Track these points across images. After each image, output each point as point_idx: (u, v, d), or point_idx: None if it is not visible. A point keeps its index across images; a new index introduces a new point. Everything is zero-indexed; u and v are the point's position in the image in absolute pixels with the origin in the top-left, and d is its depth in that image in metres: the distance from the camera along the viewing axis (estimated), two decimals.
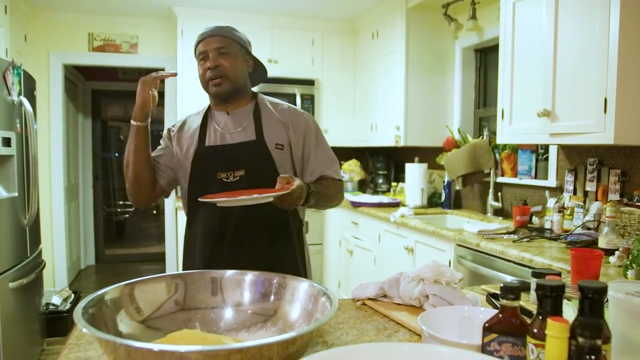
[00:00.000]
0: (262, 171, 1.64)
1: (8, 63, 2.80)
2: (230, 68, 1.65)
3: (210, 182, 1.63)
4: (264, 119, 1.70)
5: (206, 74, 1.65)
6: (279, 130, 1.70)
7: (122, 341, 0.75)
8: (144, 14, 4.60)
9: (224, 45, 1.65)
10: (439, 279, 1.20)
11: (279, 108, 1.76)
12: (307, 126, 1.75)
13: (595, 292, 0.71)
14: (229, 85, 1.66)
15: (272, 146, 1.66)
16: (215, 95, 1.69)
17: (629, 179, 2.44)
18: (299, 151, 1.73)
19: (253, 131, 1.68)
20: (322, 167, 1.75)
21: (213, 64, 1.63)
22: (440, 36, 3.89)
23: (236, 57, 1.67)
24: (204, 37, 1.66)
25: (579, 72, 2.24)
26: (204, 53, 1.65)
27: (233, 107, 1.72)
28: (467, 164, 3.32)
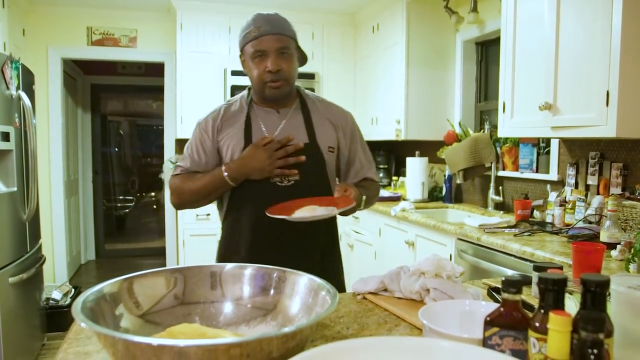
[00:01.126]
0: (315, 175, 1.60)
1: (6, 57, 2.78)
2: (290, 70, 1.57)
3: (263, 186, 1.55)
4: (314, 119, 1.64)
5: (264, 76, 1.54)
6: (329, 132, 1.65)
7: (121, 335, 0.75)
8: (143, 7, 4.58)
9: (285, 45, 1.55)
10: (440, 272, 1.19)
11: (325, 105, 1.71)
12: (353, 126, 1.72)
13: (598, 286, 0.71)
14: (287, 88, 1.59)
15: (325, 149, 1.62)
16: (272, 98, 1.60)
17: (631, 173, 2.43)
18: (346, 152, 1.69)
19: (304, 133, 1.61)
20: (366, 170, 1.72)
21: (275, 66, 1.53)
22: (441, 29, 3.87)
23: (294, 57, 1.59)
24: (262, 33, 1.53)
25: (580, 65, 2.23)
26: (262, 52, 1.53)
27: (281, 105, 1.64)
28: (468, 157, 3.32)
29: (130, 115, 7.05)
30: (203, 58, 4.42)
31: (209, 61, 4.44)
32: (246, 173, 1.53)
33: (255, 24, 1.54)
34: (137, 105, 7.09)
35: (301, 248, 1.58)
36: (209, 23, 4.43)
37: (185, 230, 4.23)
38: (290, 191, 1.54)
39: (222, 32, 4.46)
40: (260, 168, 1.51)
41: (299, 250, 1.57)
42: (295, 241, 1.57)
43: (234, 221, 1.62)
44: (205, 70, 4.43)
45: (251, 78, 1.59)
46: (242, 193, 1.58)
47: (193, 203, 1.63)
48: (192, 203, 1.63)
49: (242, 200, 1.59)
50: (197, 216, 4.21)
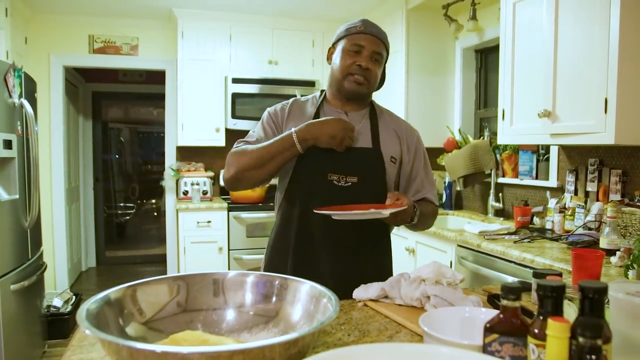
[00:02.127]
0: (373, 181, 1.58)
1: (9, 65, 2.80)
2: (375, 76, 1.60)
3: (320, 182, 1.55)
4: (380, 128, 1.64)
5: (352, 68, 1.56)
6: (393, 143, 1.64)
7: (125, 342, 0.76)
8: (144, 15, 4.61)
9: (381, 51, 1.59)
10: (440, 279, 1.20)
11: (394, 118, 1.72)
12: (419, 144, 1.71)
13: (596, 292, 0.71)
14: (367, 90, 1.61)
15: (387, 158, 1.61)
16: (348, 92, 1.60)
17: (630, 179, 2.44)
18: (408, 168, 1.67)
19: (369, 138, 1.61)
20: (426, 190, 1.70)
21: (366, 64, 1.55)
22: (441, 37, 3.90)
23: (381, 67, 1.63)
24: (366, 31, 1.58)
25: (579, 72, 2.25)
26: (361, 47, 1.56)
27: (352, 108, 1.65)
28: (468, 164, 3.33)
29: (131, 122, 7.08)
30: (204, 66, 4.45)
31: (210, 69, 4.46)
32: (316, 135, 1.49)
33: (363, 23, 1.60)
34: (138, 113, 7.11)
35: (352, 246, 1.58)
36: (210, 31, 4.45)
37: (186, 238, 4.23)
38: (347, 192, 1.54)
39: (223, 39, 4.49)
40: (332, 134, 1.49)
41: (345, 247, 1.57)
42: (342, 238, 1.56)
43: (286, 211, 1.62)
44: (206, 78, 4.45)
45: (334, 69, 1.61)
46: (298, 186, 1.58)
47: (251, 170, 1.53)
48: (250, 170, 1.53)
49: (296, 193, 1.58)
50: (197, 223, 4.21)
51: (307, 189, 1.55)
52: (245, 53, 4.53)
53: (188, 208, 4.21)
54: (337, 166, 1.55)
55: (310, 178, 1.56)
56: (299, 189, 1.58)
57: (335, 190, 1.54)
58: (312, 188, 1.55)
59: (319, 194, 1.53)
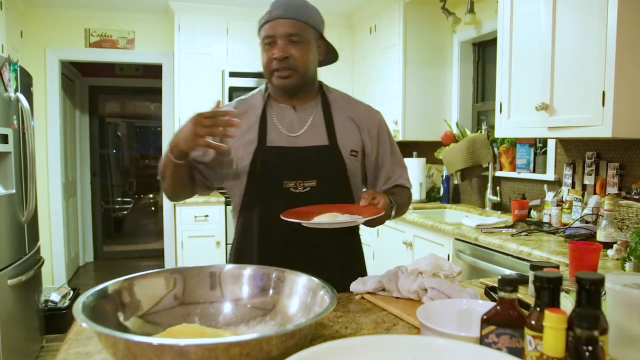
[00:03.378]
0: (334, 182, 1.44)
1: (4, 59, 2.78)
2: (302, 60, 1.40)
3: (274, 191, 1.40)
4: (335, 119, 1.48)
5: (271, 64, 1.40)
6: (352, 134, 1.49)
7: (122, 335, 0.75)
8: (141, 9, 4.59)
9: (297, 31, 1.39)
10: (438, 272, 1.20)
11: (350, 104, 1.55)
12: (380, 127, 1.55)
13: (593, 284, 0.72)
14: (298, 79, 1.42)
15: (347, 153, 1.45)
16: (280, 89, 1.45)
17: (627, 173, 2.44)
18: (373, 157, 1.53)
19: (324, 133, 1.45)
20: (397, 175, 1.57)
21: (282, 54, 1.38)
22: (438, 30, 3.89)
23: (309, 45, 1.42)
24: (272, 17, 1.39)
25: (577, 65, 2.24)
26: (271, 38, 1.40)
27: (299, 101, 1.48)
28: (465, 158, 3.33)
29: (128, 116, 7.05)
30: (201, 59, 4.43)
31: (207, 63, 4.44)
32: (176, 143, 1.32)
33: (269, 9, 1.42)
34: (135, 107, 7.09)
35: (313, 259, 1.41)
36: (207, 24, 4.43)
37: (183, 232, 4.23)
38: (305, 199, 1.38)
39: (220, 33, 4.47)
40: (184, 138, 1.28)
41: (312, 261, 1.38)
42: (307, 252, 1.41)
43: (244, 226, 1.48)
44: (203, 72, 4.44)
45: (262, 67, 1.46)
46: (252, 197, 1.44)
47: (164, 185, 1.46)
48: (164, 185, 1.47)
49: (252, 205, 1.44)
50: (195, 217, 4.21)
51: (263, 201, 1.41)
52: (242, 47, 4.51)
53: (185, 202, 4.20)
54: (292, 171, 1.41)
55: (265, 188, 1.42)
56: (254, 202, 1.43)
57: (294, 198, 1.38)
58: (268, 199, 1.40)
59: (277, 204, 1.35)
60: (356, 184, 1.50)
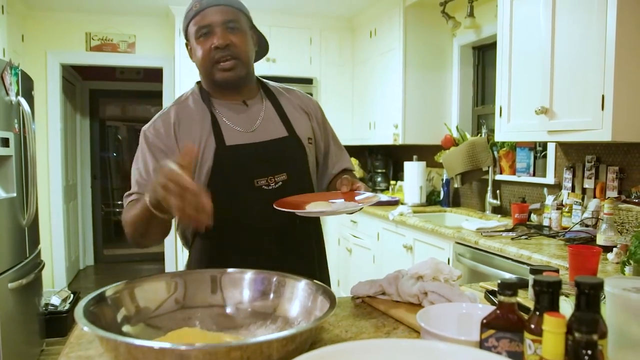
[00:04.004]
0: (302, 173, 1.40)
1: (6, 63, 2.79)
2: (243, 47, 1.33)
3: (245, 191, 1.31)
4: (287, 109, 1.44)
5: (211, 54, 1.31)
6: (304, 122, 1.45)
7: (123, 339, 0.76)
8: (142, 13, 4.60)
9: (233, 18, 1.32)
10: (438, 276, 1.20)
11: (293, 94, 1.51)
12: (322, 115, 1.54)
13: (592, 288, 0.72)
14: (242, 69, 1.35)
15: (306, 141, 1.41)
16: (225, 82, 1.35)
17: (627, 176, 2.45)
18: (321, 143, 1.50)
19: (280, 125, 1.40)
20: (342, 160, 1.54)
21: (222, 41, 1.29)
22: (438, 34, 3.90)
23: (246, 33, 1.36)
24: (204, 6, 1.31)
25: (576, 69, 2.25)
26: (207, 27, 1.31)
27: (246, 95, 1.41)
28: (465, 161, 3.33)
29: (128, 120, 7.07)
30: None
31: None
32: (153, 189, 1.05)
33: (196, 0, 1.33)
34: (136, 110, 7.10)
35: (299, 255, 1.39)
36: None
37: None
38: (279, 193, 1.31)
39: None
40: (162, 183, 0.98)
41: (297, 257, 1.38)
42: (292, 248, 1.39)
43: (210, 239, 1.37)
44: None
45: (197, 63, 1.37)
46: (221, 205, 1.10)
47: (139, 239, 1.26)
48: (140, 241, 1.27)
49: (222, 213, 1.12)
50: None
51: (233, 203, 1.31)
52: None
53: None
54: (262, 168, 1.33)
55: (234, 190, 1.31)
56: (224, 206, 1.21)
57: (267, 195, 1.29)
58: (239, 201, 1.31)
59: (249, 204, 1.30)
60: (313, 173, 1.46)
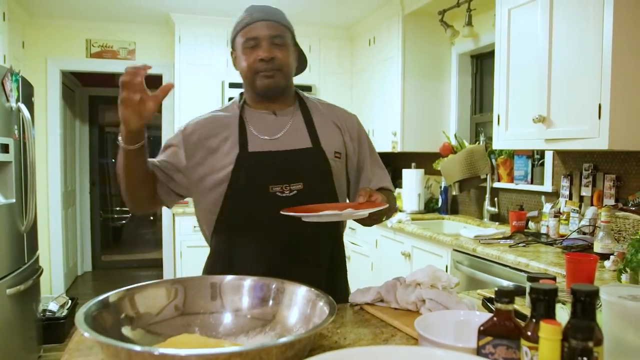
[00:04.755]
0: (320, 184, 1.42)
1: (6, 70, 2.81)
2: (285, 61, 1.42)
3: (260, 196, 1.36)
4: (317, 122, 1.48)
5: (255, 65, 1.39)
6: (335, 136, 1.49)
7: (124, 345, 0.76)
8: (142, 20, 4.62)
9: (279, 33, 1.41)
10: (435, 283, 1.21)
11: (328, 108, 1.55)
12: (360, 129, 1.57)
13: (587, 295, 0.73)
14: (282, 79, 1.42)
15: (331, 155, 1.44)
16: (264, 91, 1.42)
17: (624, 184, 2.46)
18: (355, 159, 1.53)
19: (306, 136, 1.45)
20: (379, 178, 1.55)
21: (268, 54, 1.38)
22: (437, 42, 3.92)
23: (289, 48, 1.44)
24: (253, 20, 1.40)
25: (573, 78, 2.27)
26: (255, 40, 1.39)
27: (279, 106, 1.47)
28: (463, 169, 3.34)
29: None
30: (201, 70, 4.46)
31: (207, 73, 4.47)
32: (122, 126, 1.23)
33: (248, 12, 1.43)
34: None
35: (306, 264, 1.40)
36: (207, 36, 4.47)
37: (182, 242, 4.23)
38: (293, 202, 1.34)
39: (220, 44, 4.50)
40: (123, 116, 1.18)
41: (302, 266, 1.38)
42: (299, 257, 1.40)
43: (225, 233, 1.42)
44: (203, 83, 4.47)
45: (242, 72, 1.45)
46: (236, 206, 1.38)
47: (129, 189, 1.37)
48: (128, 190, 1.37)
49: (235, 214, 1.39)
50: (194, 227, 4.21)
51: (248, 208, 1.37)
52: None
53: (184, 212, 4.21)
54: (277, 175, 1.37)
55: (250, 194, 1.37)
56: (237, 210, 1.38)
57: (281, 202, 1.33)
58: (252, 206, 1.37)
59: (263, 209, 1.35)
60: (341, 186, 1.49)
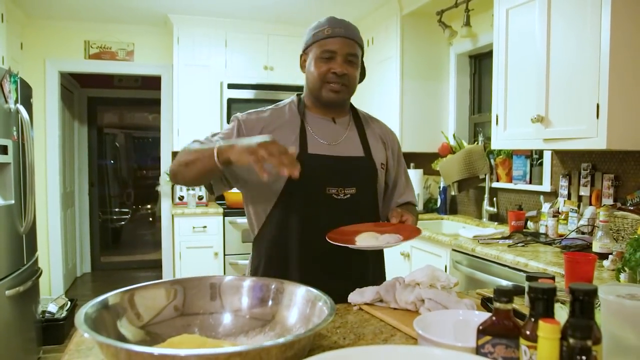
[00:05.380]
0: (369, 191, 1.54)
1: (5, 71, 2.80)
2: (354, 79, 1.52)
3: (317, 196, 1.46)
4: (368, 134, 1.60)
5: (327, 76, 1.48)
6: (381, 149, 1.60)
7: (124, 345, 0.76)
8: (140, 21, 4.62)
9: (355, 52, 1.50)
10: (435, 283, 1.21)
11: (375, 122, 1.67)
12: (399, 147, 1.69)
13: (586, 294, 0.73)
14: (346, 95, 1.53)
15: (379, 165, 1.56)
16: (329, 102, 1.52)
17: (622, 184, 2.47)
18: (393, 173, 1.64)
19: (359, 146, 1.56)
20: (408, 194, 1.66)
21: (341, 70, 1.47)
22: (435, 43, 3.93)
23: (359, 66, 1.55)
24: (335, 34, 1.48)
25: (571, 78, 2.27)
26: (331, 53, 1.48)
27: (337, 114, 1.58)
28: (462, 169, 3.35)
29: (126, 127, 7.08)
30: (200, 71, 4.46)
31: (205, 74, 4.47)
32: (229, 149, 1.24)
33: (330, 24, 1.51)
34: (134, 118, 7.11)
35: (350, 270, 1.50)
36: (206, 37, 4.47)
37: (181, 243, 4.23)
38: (346, 204, 1.47)
39: (219, 45, 4.50)
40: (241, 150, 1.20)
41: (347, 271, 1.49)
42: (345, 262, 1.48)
43: (282, 223, 1.48)
44: (202, 84, 4.47)
45: (309, 78, 1.53)
46: (291, 201, 1.47)
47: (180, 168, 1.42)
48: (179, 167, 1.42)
49: (290, 208, 1.47)
50: (193, 228, 4.21)
51: (305, 205, 1.46)
52: (240, 59, 4.55)
53: (184, 213, 4.21)
54: (335, 178, 1.48)
55: (307, 193, 1.46)
56: (294, 205, 1.47)
57: (335, 203, 1.47)
58: (310, 203, 1.46)
59: (319, 208, 1.45)
60: (381, 194, 1.60)
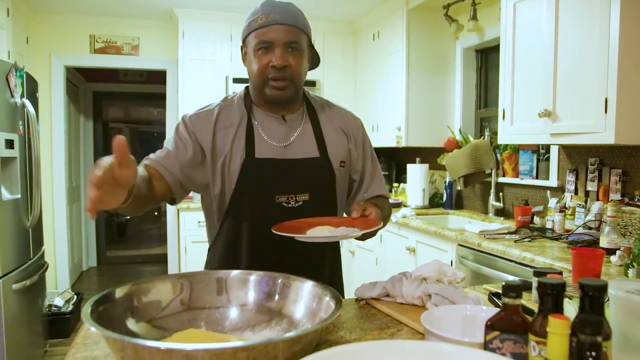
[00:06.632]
0: (325, 195, 1.39)
1: (11, 65, 2.81)
2: (297, 70, 1.33)
3: (266, 205, 1.32)
4: (324, 129, 1.43)
5: (266, 71, 1.31)
6: (341, 144, 1.44)
7: (130, 340, 0.76)
8: (145, 15, 4.62)
9: (296, 39, 1.31)
10: (441, 278, 1.21)
11: (335, 111, 1.49)
12: (364, 135, 1.52)
13: (596, 290, 0.72)
14: (292, 91, 1.35)
15: (337, 165, 1.41)
16: (273, 100, 1.36)
17: (630, 179, 2.45)
18: (359, 165, 1.49)
19: (314, 145, 1.40)
20: (376, 186, 1.50)
21: (281, 62, 1.29)
22: (441, 37, 3.91)
23: (304, 54, 1.35)
24: (269, 22, 1.30)
25: (579, 72, 2.25)
26: (269, 44, 1.30)
27: (287, 111, 1.40)
28: (468, 164, 3.33)
29: (131, 122, 7.09)
30: (205, 66, 4.46)
31: (210, 69, 4.47)
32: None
33: (263, 11, 1.32)
34: (139, 112, 7.12)
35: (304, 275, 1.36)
36: (211, 31, 4.46)
37: (187, 237, 4.24)
38: (298, 213, 1.32)
39: (224, 39, 4.49)
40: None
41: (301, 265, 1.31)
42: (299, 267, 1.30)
43: (229, 238, 1.38)
44: (207, 78, 4.46)
45: (251, 74, 1.36)
46: (240, 210, 1.34)
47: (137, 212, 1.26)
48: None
49: (239, 217, 1.35)
50: (198, 222, 4.22)
51: (253, 215, 1.33)
52: None
53: (189, 207, 4.22)
54: (284, 185, 1.33)
55: (255, 202, 1.33)
56: (243, 215, 1.34)
57: (286, 212, 1.31)
58: (258, 214, 1.32)
59: (268, 219, 1.26)
60: (342, 195, 1.46)
